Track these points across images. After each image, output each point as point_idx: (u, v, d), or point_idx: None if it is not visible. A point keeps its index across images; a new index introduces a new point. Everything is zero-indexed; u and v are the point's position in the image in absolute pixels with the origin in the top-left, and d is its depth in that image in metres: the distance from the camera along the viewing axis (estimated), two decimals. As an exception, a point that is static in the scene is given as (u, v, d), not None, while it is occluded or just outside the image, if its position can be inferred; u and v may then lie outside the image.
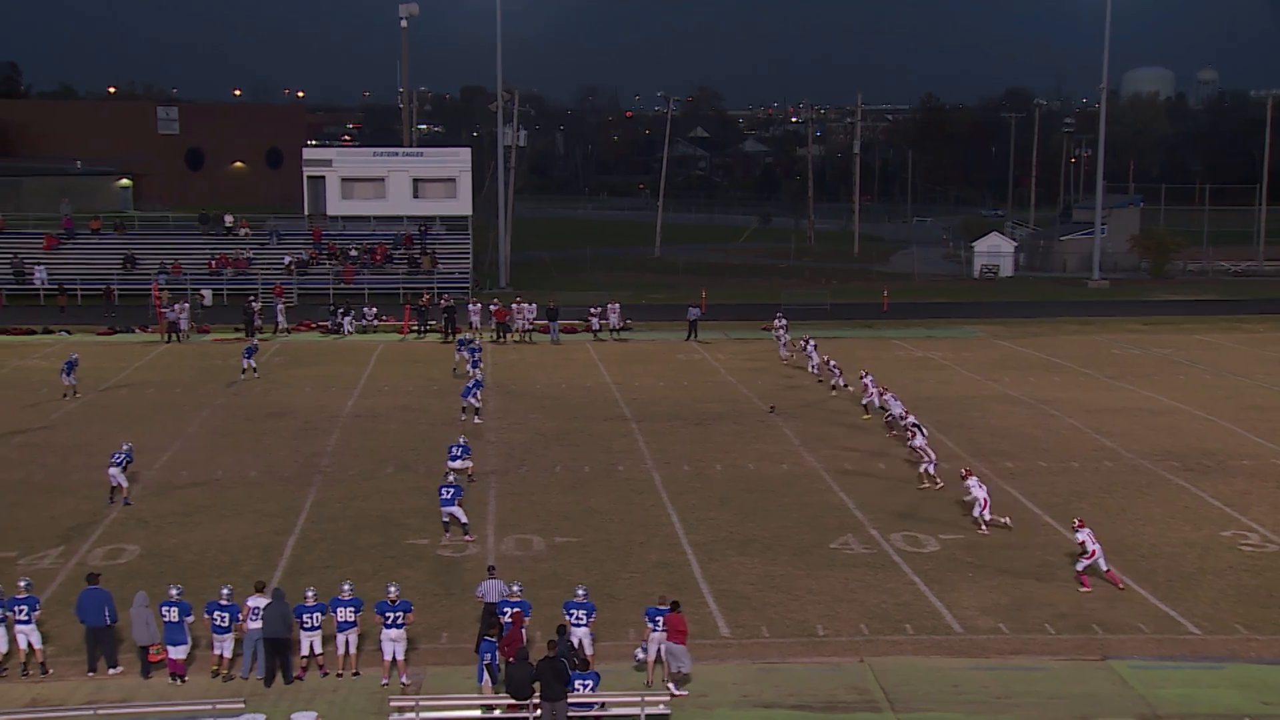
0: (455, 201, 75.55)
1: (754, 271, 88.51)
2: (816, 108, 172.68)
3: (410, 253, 72.99)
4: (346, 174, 75.41)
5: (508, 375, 48.54)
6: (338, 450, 36.20)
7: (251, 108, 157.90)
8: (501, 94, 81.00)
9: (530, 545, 28.01)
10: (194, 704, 19.43)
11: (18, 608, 21.26)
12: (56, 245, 72.53)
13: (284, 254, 71.91)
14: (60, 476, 33.15)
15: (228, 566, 25.90)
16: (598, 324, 58.90)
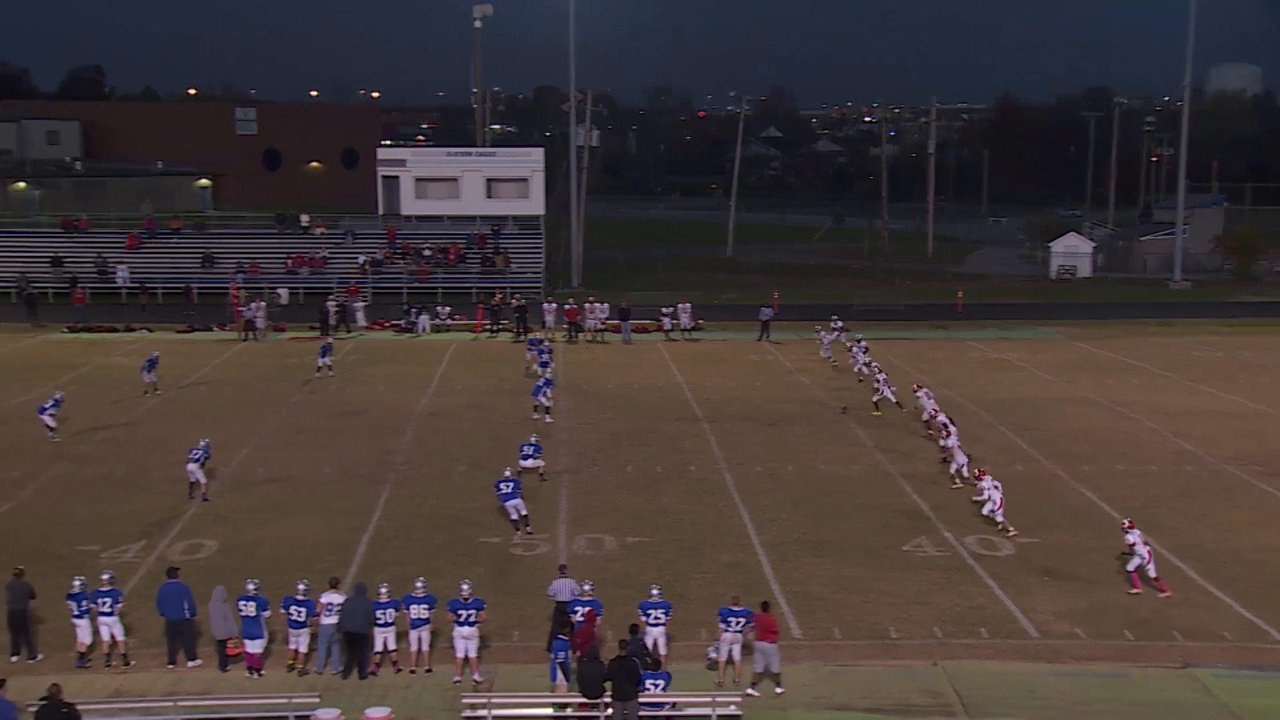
0: (528, 201, 75.84)
1: (826, 272, 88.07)
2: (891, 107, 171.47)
3: (483, 252, 73.39)
4: (421, 174, 75.96)
5: (580, 375, 48.69)
6: (411, 448, 36.51)
7: (328, 108, 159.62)
8: (574, 94, 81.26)
9: (602, 545, 28.08)
10: (270, 697, 19.69)
11: (101, 600, 21.68)
12: (138, 245, 73.78)
13: (359, 253, 72.60)
14: (141, 472, 33.72)
15: (303, 562, 26.22)
16: (669, 324, 58.90)
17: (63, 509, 30.37)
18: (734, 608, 21.31)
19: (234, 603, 21.63)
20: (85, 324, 59.24)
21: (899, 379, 47.20)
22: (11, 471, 33.56)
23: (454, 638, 21.30)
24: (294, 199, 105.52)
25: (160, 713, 19.21)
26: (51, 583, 23.01)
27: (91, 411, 40.85)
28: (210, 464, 32.36)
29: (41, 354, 52.36)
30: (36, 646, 22.15)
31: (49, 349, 53.76)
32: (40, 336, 57.10)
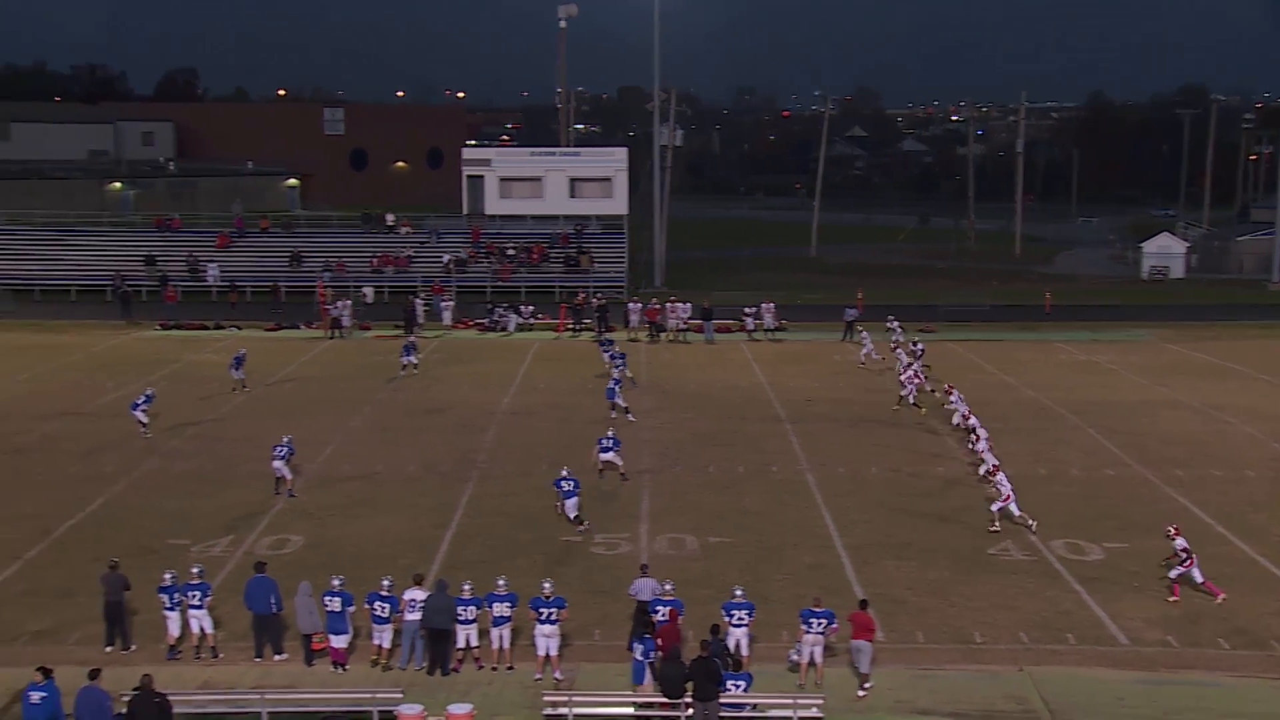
0: (611, 201, 75.97)
1: (911, 272, 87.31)
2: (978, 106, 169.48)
3: (566, 252, 73.67)
4: (505, 174, 76.40)
5: (662, 375, 48.70)
6: (494, 447, 36.74)
7: (413, 109, 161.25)
8: (658, 94, 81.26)
9: (683, 545, 28.07)
10: (355, 692, 19.92)
11: (191, 593, 22.07)
12: (228, 243, 75.01)
13: (443, 253, 73.18)
14: (230, 468, 34.28)
15: (387, 559, 26.49)
16: (752, 324, 58.72)
17: (154, 503, 30.97)
18: (816, 609, 21.19)
19: (319, 598, 21.91)
20: (176, 321, 60.37)
21: (980, 379, 46.74)
22: (105, 466, 34.28)
23: (535, 635, 21.40)
24: (380, 198, 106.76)
25: (248, 705, 19.50)
26: (143, 575, 23.46)
27: (182, 408, 41.59)
28: (296, 460, 32.82)
29: (134, 350, 53.44)
30: (130, 637, 22.61)
31: (142, 346, 54.85)
32: (133, 333, 58.28)
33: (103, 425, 39.12)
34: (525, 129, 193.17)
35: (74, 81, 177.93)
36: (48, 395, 43.25)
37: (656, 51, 78.30)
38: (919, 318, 62.00)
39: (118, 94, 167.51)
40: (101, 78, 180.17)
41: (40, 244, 75.05)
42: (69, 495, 31.50)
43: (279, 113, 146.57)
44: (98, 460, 34.98)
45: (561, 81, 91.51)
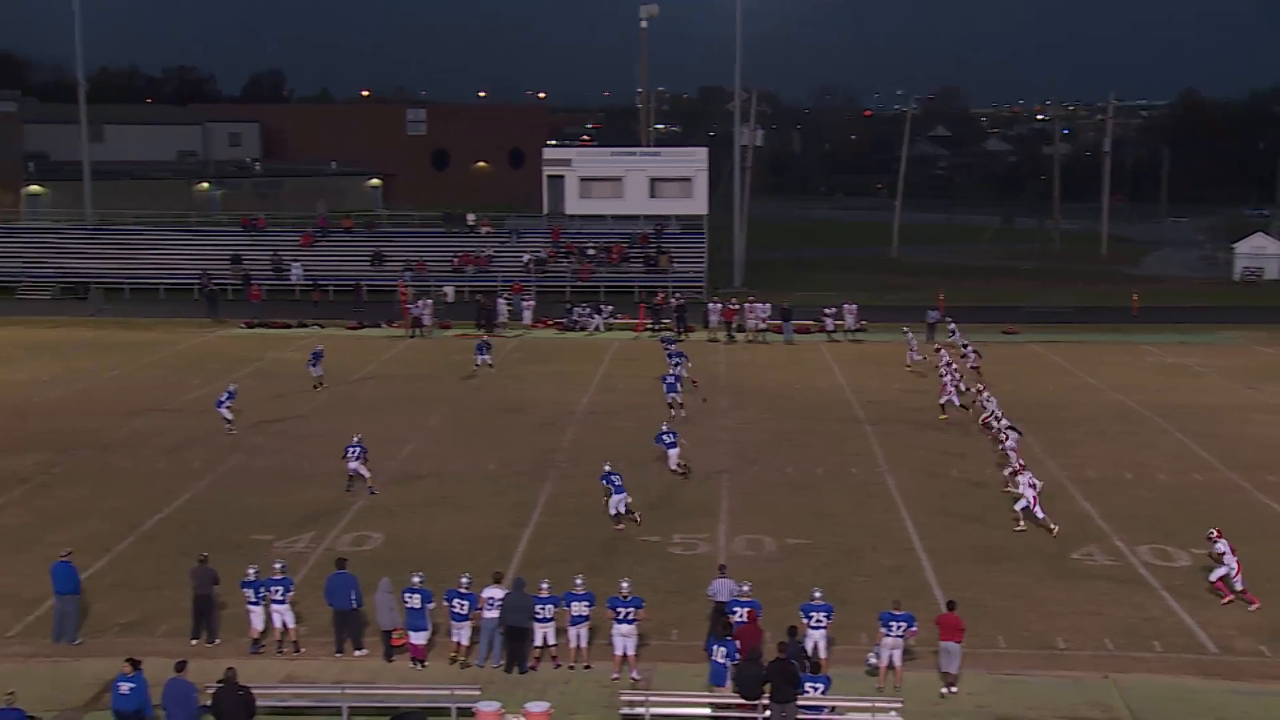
0: (691, 201, 75.93)
1: (994, 273, 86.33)
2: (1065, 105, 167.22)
3: (646, 251, 73.74)
4: (585, 173, 76.65)
5: (740, 375, 48.60)
6: (572, 446, 36.87)
7: (495, 109, 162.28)
8: (739, 93, 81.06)
9: (761, 545, 27.99)
10: (433, 688, 20.08)
11: (274, 588, 22.37)
12: (312, 243, 76.00)
13: (523, 252, 73.55)
14: (312, 465, 34.70)
15: (465, 556, 26.67)
16: (832, 324, 58.40)
17: (238, 499, 31.46)
18: (896, 612, 21.03)
19: (399, 594, 22.12)
20: (261, 320, 61.29)
21: (1064, 381, 46.14)
22: (192, 462, 34.88)
23: (613, 635, 21.43)
24: (461, 198, 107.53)
25: (328, 700, 19.75)
26: (227, 570, 23.81)
27: (265, 405, 42.21)
28: (377, 458, 33.16)
29: (220, 348, 54.31)
30: (217, 631, 22.98)
31: (227, 343, 55.75)
32: (220, 331, 59.25)
33: (189, 421, 39.82)
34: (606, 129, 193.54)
35: (164, 84, 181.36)
36: (136, 392, 44.09)
37: (738, 51, 78.15)
38: (1002, 319, 61.32)
39: (206, 96, 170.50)
40: (191, 80, 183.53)
41: (131, 243, 76.58)
42: (156, 490, 32.10)
43: (362, 113, 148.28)
44: (184, 456, 35.61)
45: (642, 81, 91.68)
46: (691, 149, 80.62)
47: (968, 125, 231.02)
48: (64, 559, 23.15)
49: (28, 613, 23.96)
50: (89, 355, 51.82)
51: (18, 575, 25.88)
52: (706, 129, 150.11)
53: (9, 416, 40.32)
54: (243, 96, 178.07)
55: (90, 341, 55.58)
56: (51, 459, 35.08)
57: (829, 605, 21.59)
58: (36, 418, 40.25)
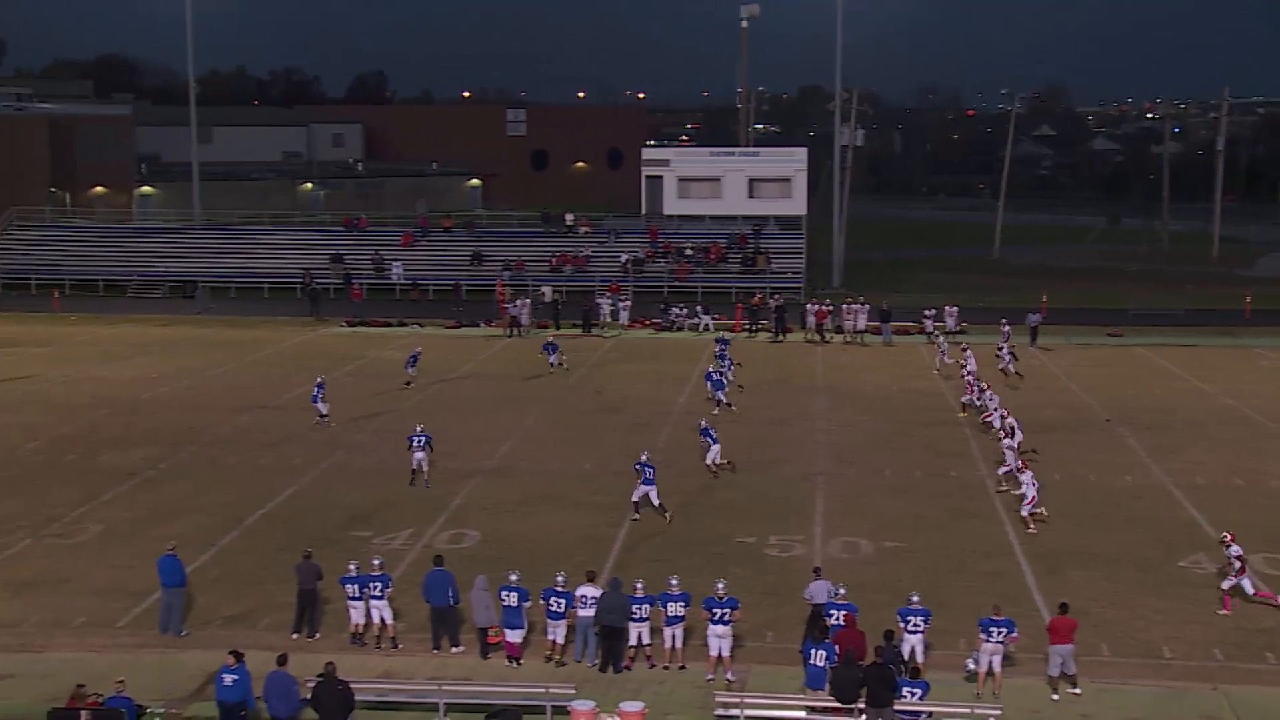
0: (790, 201, 75.53)
1: (1099, 275, 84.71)
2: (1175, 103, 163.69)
3: (744, 252, 73.54)
4: (683, 174, 76.60)
5: (838, 376, 48.28)
6: (669, 446, 36.86)
7: (594, 110, 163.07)
8: (840, 93, 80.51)
9: (858, 548, 27.78)
10: (529, 686, 20.21)
11: (373, 584, 22.66)
12: (412, 242, 76.91)
13: (621, 252, 73.71)
14: (404, 464, 35.05)
15: (562, 555, 26.78)
16: (931, 326, 57.75)
17: (338, 495, 31.93)
18: (996, 618, 20.75)
19: (496, 592, 22.28)
20: (362, 318, 62.12)
21: (1172, 385, 45.27)
22: (293, 459, 35.48)
23: (708, 635, 21.41)
24: (560, 198, 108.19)
25: (425, 695, 19.95)
26: (327, 566, 24.14)
27: (366, 402, 42.82)
28: (474, 456, 33.48)
29: (322, 346, 55.16)
30: (319, 625, 23.34)
31: (329, 342, 56.60)
32: (321, 330, 60.19)
33: (291, 418, 40.50)
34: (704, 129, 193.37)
35: (271, 85, 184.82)
36: (241, 389, 44.94)
37: (839, 50, 77.65)
38: (1107, 321, 60.24)
39: (311, 97, 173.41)
40: (296, 82, 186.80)
41: (237, 243, 78.11)
42: (260, 486, 32.71)
43: (463, 114, 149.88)
44: (286, 452, 36.22)
45: (742, 81, 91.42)
46: (791, 149, 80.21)
47: (1073, 124, 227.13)
48: (170, 553, 23.68)
49: (136, 604, 24.55)
50: (195, 352, 52.94)
51: (126, 568, 26.54)
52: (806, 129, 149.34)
53: (119, 413, 41.34)
54: (346, 98, 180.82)
55: (196, 339, 56.80)
56: (159, 454, 35.90)
57: (927, 610, 21.37)
58: (145, 414, 41.21)
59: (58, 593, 25.19)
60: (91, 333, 58.28)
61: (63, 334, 57.47)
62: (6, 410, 41.43)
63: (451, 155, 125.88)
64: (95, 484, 32.75)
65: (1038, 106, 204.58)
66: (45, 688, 20.64)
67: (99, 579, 25.96)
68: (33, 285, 71.72)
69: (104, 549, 27.81)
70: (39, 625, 23.65)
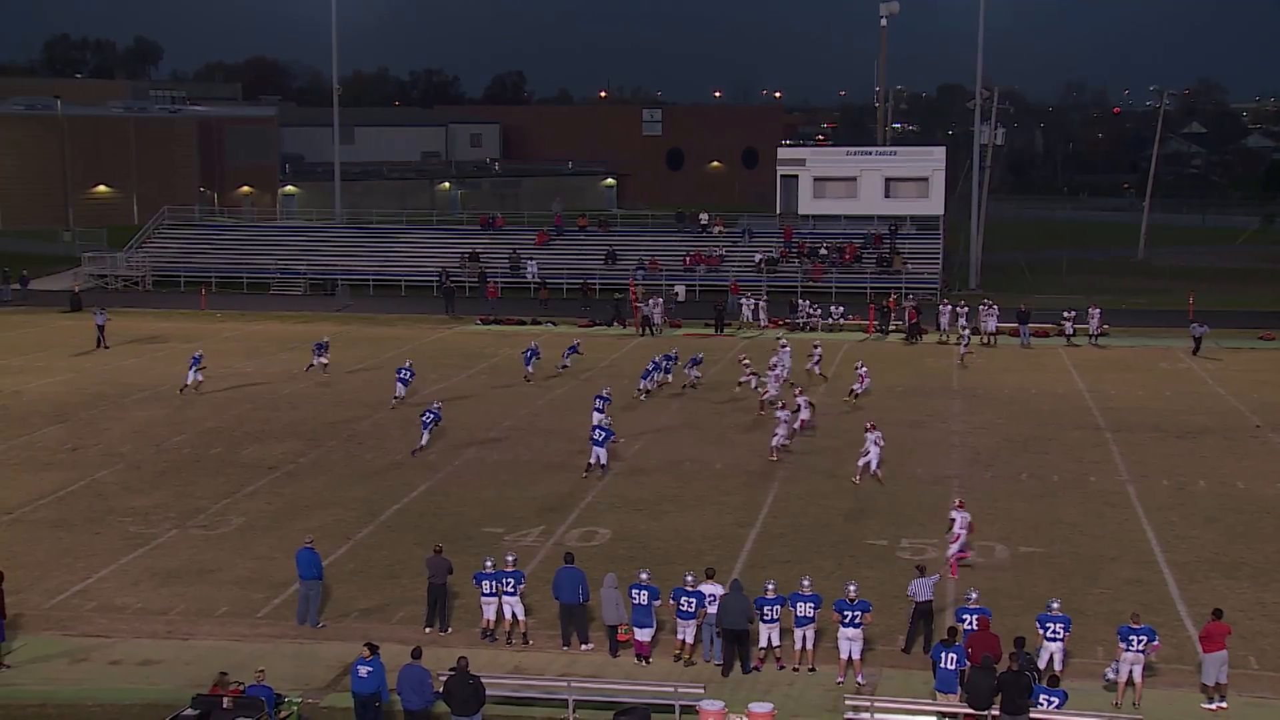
0: (927, 201, 74.58)
1: (1251, 276, 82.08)
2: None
3: (879, 252, 72.87)
4: (819, 173, 76.07)
5: (973, 379, 47.56)
6: (798, 446, 36.68)
7: (730, 109, 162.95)
8: (980, 91, 79.33)
9: (993, 553, 27.34)
10: (658, 685, 20.27)
11: (506, 580, 22.91)
12: (547, 241, 77.71)
13: (755, 252, 73.61)
14: (543, 459, 35.48)
15: (691, 555, 26.86)
16: (1072, 328, 56.48)
17: (472, 492, 32.39)
18: (1135, 626, 20.26)
19: (625, 591, 22.40)
20: (496, 316, 62.86)
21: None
22: (429, 454, 36.04)
23: (838, 638, 21.28)
24: (694, 198, 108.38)
25: (555, 692, 20.14)
26: (460, 561, 24.54)
27: (498, 400, 43.36)
28: (611, 452, 33.66)
29: (457, 344, 55.98)
30: (449, 620, 23.71)
31: (464, 339, 57.44)
32: (456, 327, 61.10)
33: (428, 415, 41.18)
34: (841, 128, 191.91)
35: (411, 86, 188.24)
36: (379, 386, 45.77)
37: (980, 47, 76.53)
38: (1258, 325, 58.39)
39: (450, 98, 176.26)
40: (437, 82, 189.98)
41: (375, 241, 79.70)
42: (396, 481, 33.33)
43: (599, 114, 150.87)
44: (422, 448, 36.80)
45: (881, 80, 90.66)
46: (929, 148, 79.25)
47: (1226, 121, 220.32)
48: (308, 545, 24.22)
49: (275, 595, 25.21)
50: (335, 349, 54.14)
51: (266, 559, 27.27)
52: (945, 128, 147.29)
53: (260, 407, 42.46)
54: (484, 98, 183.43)
55: (337, 336, 58.11)
56: (299, 449, 36.79)
57: (1067, 617, 20.96)
58: (286, 409, 42.26)
59: (202, 582, 25.97)
60: (236, 329, 59.98)
61: (209, 329, 59.22)
62: (156, 403, 42.82)
63: (587, 155, 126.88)
64: (238, 477, 33.71)
65: (1188, 103, 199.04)
66: (190, 674, 21.31)
67: (240, 570, 26.71)
68: (181, 282, 74.07)
69: (245, 541, 28.60)
70: (184, 614, 24.40)
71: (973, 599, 21.42)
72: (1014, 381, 46.95)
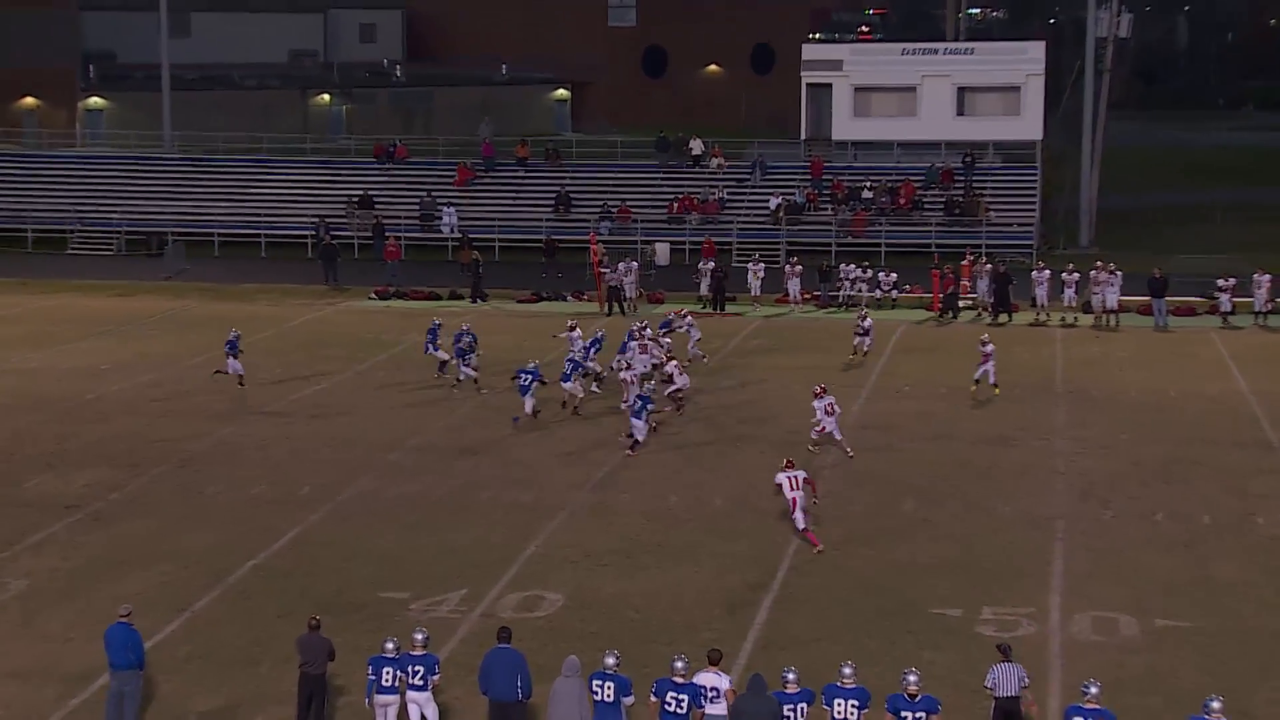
0: (1018, 121, 74.70)
1: None
2: None
3: (949, 194, 72.96)
4: (861, 81, 76.06)
5: (1085, 375, 47.70)
6: (834, 475, 36.70)
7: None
8: (1094, -40, 79.48)
9: (1116, 628, 27.34)
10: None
11: (412, 668, 22.65)
12: (471, 179, 77.43)
13: (769, 194, 73.48)
14: (466, 494, 35.31)
15: (681, 629, 26.74)
16: (1229, 303, 56.73)
17: (364, 539, 32.16)
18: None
19: (586, 681, 22.29)
20: (398, 287, 62.51)
21: None
22: (299, 486, 35.84)
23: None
24: (683, 118, 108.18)
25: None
26: (347, 640, 24.33)
27: (407, 408, 43.19)
28: (558, 488, 33.52)
29: (342, 327, 55.71)
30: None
31: (351, 320, 57.26)
32: (340, 303, 60.92)
33: (296, 429, 41.02)
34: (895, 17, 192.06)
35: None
36: (228, 387, 45.51)
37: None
38: None
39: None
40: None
41: (223, 180, 79.21)
42: (252, 525, 33.07)
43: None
44: (289, 477, 36.61)
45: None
46: (1021, 44, 79.45)
47: None
48: (123, 620, 23.86)
49: (72, 693, 24.83)
50: (164, 335, 53.80)
51: (60, 640, 26.91)
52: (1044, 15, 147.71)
53: (53, 420, 42.14)
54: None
55: (166, 316, 57.73)
56: (111, 479, 36.50)
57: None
58: (92, 422, 41.98)
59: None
60: (15, 305, 59.55)
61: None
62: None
63: (529, 55, 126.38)
64: (17, 521, 33.34)
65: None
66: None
67: (21, 657, 26.32)
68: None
69: (28, 614, 28.21)
70: (-67, 724, 24.18)
71: (1090, 694, 21.34)
72: (1144, 380, 47.16)
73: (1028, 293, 57.72)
